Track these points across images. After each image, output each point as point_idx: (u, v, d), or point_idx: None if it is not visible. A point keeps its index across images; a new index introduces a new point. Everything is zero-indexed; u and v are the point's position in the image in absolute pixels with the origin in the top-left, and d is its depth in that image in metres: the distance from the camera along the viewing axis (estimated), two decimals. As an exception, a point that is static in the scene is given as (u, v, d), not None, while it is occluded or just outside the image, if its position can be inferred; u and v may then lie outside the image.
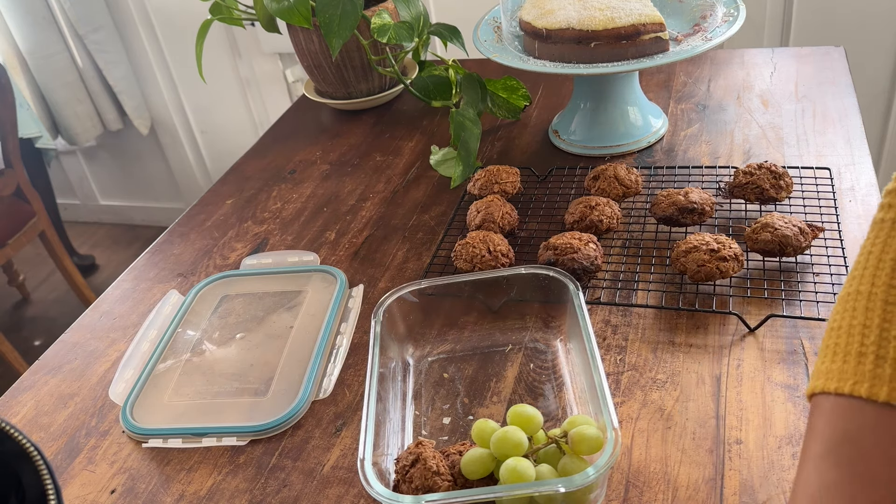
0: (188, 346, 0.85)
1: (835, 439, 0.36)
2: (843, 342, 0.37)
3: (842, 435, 0.35)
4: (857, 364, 0.36)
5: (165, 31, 2.38)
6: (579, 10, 0.99)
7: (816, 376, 0.38)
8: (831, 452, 0.36)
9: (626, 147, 1.07)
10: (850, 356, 0.36)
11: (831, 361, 0.37)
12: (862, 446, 0.34)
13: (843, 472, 0.35)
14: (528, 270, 0.77)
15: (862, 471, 0.34)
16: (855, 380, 0.35)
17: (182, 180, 2.73)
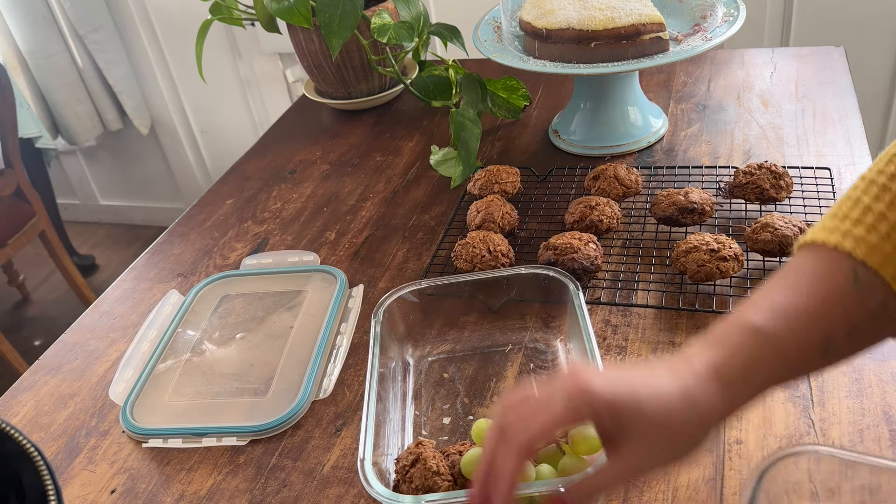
0: (188, 346, 0.85)
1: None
2: (841, 209, 0.47)
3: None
4: (840, 223, 0.46)
5: (165, 31, 2.38)
6: (579, 10, 0.99)
7: (821, 231, 0.47)
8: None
9: (626, 147, 1.07)
10: (838, 218, 0.47)
11: (827, 220, 0.47)
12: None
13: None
14: (528, 270, 0.77)
15: None
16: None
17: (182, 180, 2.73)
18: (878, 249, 0.44)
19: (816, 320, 0.45)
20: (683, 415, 0.45)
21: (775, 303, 0.46)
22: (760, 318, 0.45)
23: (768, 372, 0.45)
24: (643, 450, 0.46)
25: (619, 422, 0.45)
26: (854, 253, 0.45)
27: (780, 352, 0.45)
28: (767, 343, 0.45)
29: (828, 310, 0.45)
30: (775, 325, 0.45)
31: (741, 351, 0.45)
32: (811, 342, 0.45)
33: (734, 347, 0.46)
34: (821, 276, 0.46)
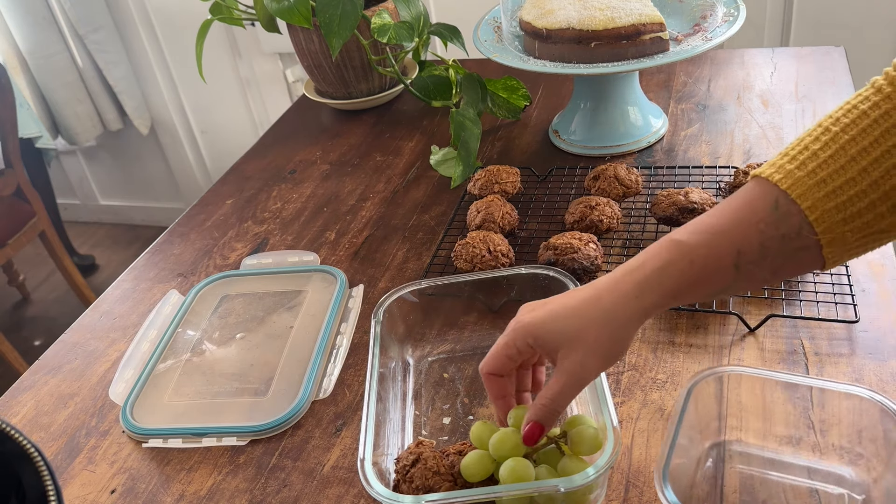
0: (188, 346, 0.85)
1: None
2: (786, 149, 0.53)
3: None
4: (779, 159, 0.52)
5: (165, 31, 2.38)
6: (579, 10, 0.99)
7: (764, 166, 0.53)
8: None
9: (627, 147, 1.07)
10: (779, 156, 0.53)
11: (775, 157, 0.53)
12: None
13: None
14: (528, 270, 0.77)
15: None
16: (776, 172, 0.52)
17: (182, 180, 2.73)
18: (801, 182, 0.51)
19: (730, 235, 0.51)
20: (597, 319, 0.53)
21: (699, 222, 0.53)
22: (680, 233, 0.53)
23: (680, 275, 0.52)
24: (573, 356, 0.54)
25: (544, 341, 0.55)
26: (779, 184, 0.51)
27: (693, 259, 0.52)
28: (681, 251, 0.52)
29: (743, 228, 0.51)
30: (691, 238, 0.52)
31: (656, 258, 0.53)
32: (722, 253, 0.51)
33: (651, 255, 0.53)
34: (746, 201, 0.52)
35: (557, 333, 0.55)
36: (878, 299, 0.76)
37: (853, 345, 0.72)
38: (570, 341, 0.54)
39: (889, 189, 0.50)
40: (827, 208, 0.50)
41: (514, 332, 0.57)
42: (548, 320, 0.55)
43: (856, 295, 0.76)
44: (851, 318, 0.73)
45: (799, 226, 0.51)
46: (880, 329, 0.73)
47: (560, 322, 0.55)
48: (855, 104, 0.52)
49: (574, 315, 0.54)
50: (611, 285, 0.54)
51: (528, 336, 0.56)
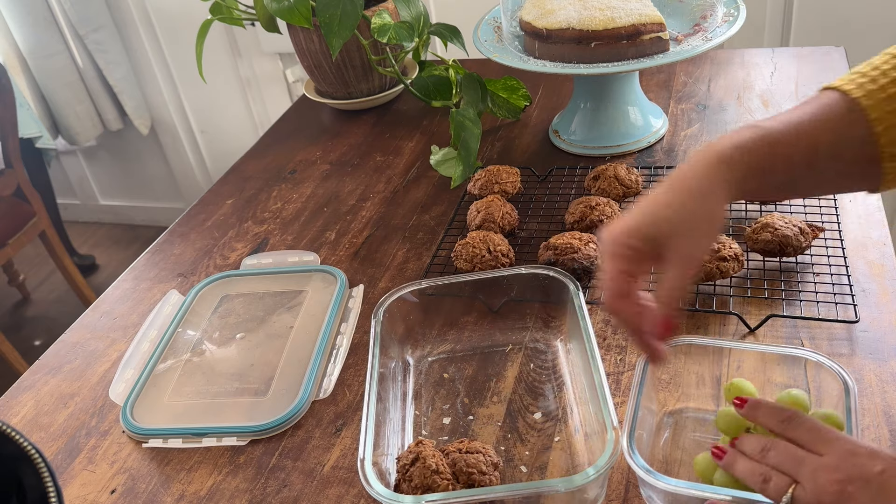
0: (188, 346, 0.85)
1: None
2: (859, 66, 0.57)
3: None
4: (851, 74, 0.57)
5: (165, 31, 2.38)
6: (579, 10, 0.99)
7: (836, 81, 0.57)
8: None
9: (627, 147, 1.07)
10: (851, 72, 0.57)
11: (851, 75, 0.57)
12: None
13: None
14: (528, 270, 0.77)
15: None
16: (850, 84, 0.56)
17: (182, 180, 2.73)
18: (872, 95, 0.55)
19: (810, 131, 0.55)
20: (692, 202, 0.55)
21: (782, 115, 0.57)
22: (767, 122, 0.56)
23: (761, 158, 0.55)
24: (685, 242, 0.55)
25: (653, 235, 0.55)
26: (852, 94, 0.55)
27: (775, 147, 0.55)
28: (763, 135, 0.55)
29: (821, 127, 0.55)
30: (776, 128, 0.55)
31: (738, 136, 0.56)
32: (801, 148, 0.55)
33: (739, 137, 0.56)
34: (824, 105, 0.56)
35: (661, 223, 0.55)
36: (878, 299, 0.76)
37: (853, 345, 0.72)
38: (674, 228, 0.55)
39: None
40: (893, 123, 0.54)
41: (615, 242, 0.56)
42: (648, 215, 0.56)
43: (856, 295, 0.76)
44: (851, 318, 0.73)
45: (866, 133, 0.54)
46: (880, 329, 0.73)
47: (660, 212, 0.55)
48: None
49: (671, 201, 0.55)
50: (698, 162, 0.55)
51: (633, 236, 0.56)
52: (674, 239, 0.55)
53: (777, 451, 0.51)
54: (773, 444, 0.52)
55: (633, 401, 0.61)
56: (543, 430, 0.69)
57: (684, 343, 0.67)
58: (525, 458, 0.66)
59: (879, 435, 0.63)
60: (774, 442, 0.52)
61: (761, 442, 0.53)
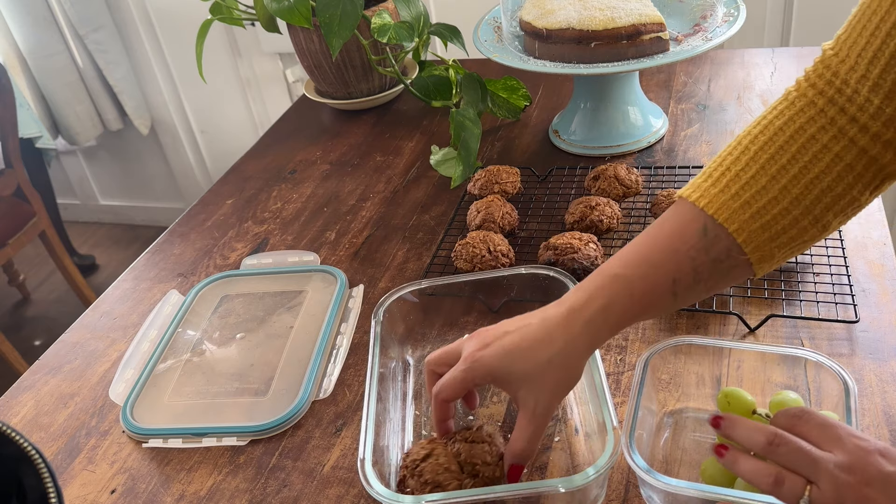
0: (188, 346, 0.85)
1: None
2: (708, 169, 0.56)
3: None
4: (704, 181, 0.56)
5: (165, 31, 2.38)
6: (579, 10, 0.99)
7: (689, 188, 0.56)
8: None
9: (627, 147, 1.07)
10: (703, 177, 0.56)
11: (698, 178, 0.56)
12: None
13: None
14: (528, 270, 0.77)
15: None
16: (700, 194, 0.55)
17: (182, 180, 2.73)
18: (727, 206, 0.53)
19: (665, 265, 0.55)
20: (553, 361, 0.56)
21: (633, 253, 0.56)
22: (619, 267, 0.56)
23: (623, 310, 0.56)
24: (536, 398, 0.56)
25: (504, 381, 0.58)
26: (706, 209, 0.54)
27: (633, 292, 0.55)
28: (622, 286, 0.55)
29: (677, 257, 0.54)
30: (630, 272, 0.55)
31: (600, 294, 0.56)
32: (660, 284, 0.55)
33: (594, 291, 0.56)
34: (676, 228, 0.55)
35: (517, 376, 0.57)
36: (878, 299, 0.76)
37: (853, 345, 0.72)
38: (530, 383, 0.57)
39: (809, 204, 0.52)
40: (753, 229, 0.53)
41: (472, 369, 0.58)
42: (506, 361, 0.57)
43: (856, 295, 0.76)
44: (851, 318, 0.73)
45: (728, 248, 0.54)
46: (880, 329, 0.73)
47: (518, 364, 0.57)
48: (771, 119, 0.54)
49: (530, 358, 0.56)
50: (561, 325, 0.56)
51: (488, 375, 0.58)
52: (527, 394, 0.57)
53: (788, 449, 0.49)
54: (779, 439, 0.50)
55: (633, 401, 0.61)
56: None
57: (684, 343, 0.67)
58: (525, 458, 0.66)
59: (879, 435, 0.63)
60: (781, 436, 0.50)
61: (766, 434, 0.50)
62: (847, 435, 0.49)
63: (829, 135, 0.52)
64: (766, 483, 0.49)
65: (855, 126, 0.52)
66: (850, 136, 0.52)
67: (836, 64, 0.53)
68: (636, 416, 0.60)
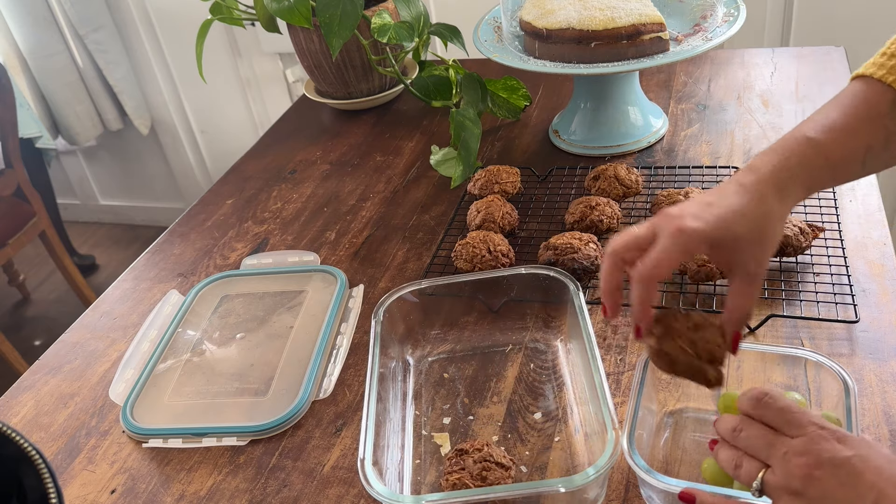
0: (188, 346, 0.85)
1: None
2: (889, 49, 0.58)
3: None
4: (888, 60, 0.57)
5: (165, 31, 2.38)
6: (579, 10, 0.99)
7: (869, 67, 0.58)
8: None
9: (627, 147, 1.07)
10: (886, 56, 0.58)
11: (879, 57, 0.58)
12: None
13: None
14: (528, 270, 0.77)
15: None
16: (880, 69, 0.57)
17: (182, 180, 2.73)
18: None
19: (859, 133, 0.57)
20: (761, 220, 0.55)
21: (828, 119, 0.57)
22: (813, 132, 0.57)
23: (817, 174, 0.57)
24: (754, 258, 0.56)
25: (722, 248, 0.56)
26: (894, 84, 0.56)
27: (828, 158, 0.56)
28: (817, 150, 0.56)
29: (869, 127, 0.57)
30: (825, 137, 0.56)
31: (795, 157, 0.56)
32: (853, 151, 0.57)
33: (790, 153, 0.56)
34: (867, 101, 0.57)
35: (736, 239, 0.55)
36: (878, 299, 0.76)
37: (853, 345, 0.72)
38: (748, 244, 0.55)
39: None
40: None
41: (689, 241, 0.54)
42: (722, 226, 0.55)
43: (856, 295, 0.76)
44: (851, 318, 0.73)
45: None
46: (880, 329, 0.73)
47: (736, 227, 0.55)
48: None
49: (747, 218, 0.55)
50: (768, 182, 0.56)
51: (705, 241, 0.55)
52: (743, 250, 0.56)
53: (747, 433, 0.51)
54: (744, 425, 0.52)
55: (633, 401, 0.61)
56: (543, 430, 0.69)
57: None
58: (525, 458, 0.66)
59: (879, 435, 0.63)
60: (745, 422, 0.52)
61: (733, 422, 0.53)
62: (808, 422, 0.50)
63: None
64: (730, 468, 0.52)
65: None
66: None
67: None
68: (636, 416, 0.60)
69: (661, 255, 0.55)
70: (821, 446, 0.48)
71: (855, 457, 0.46)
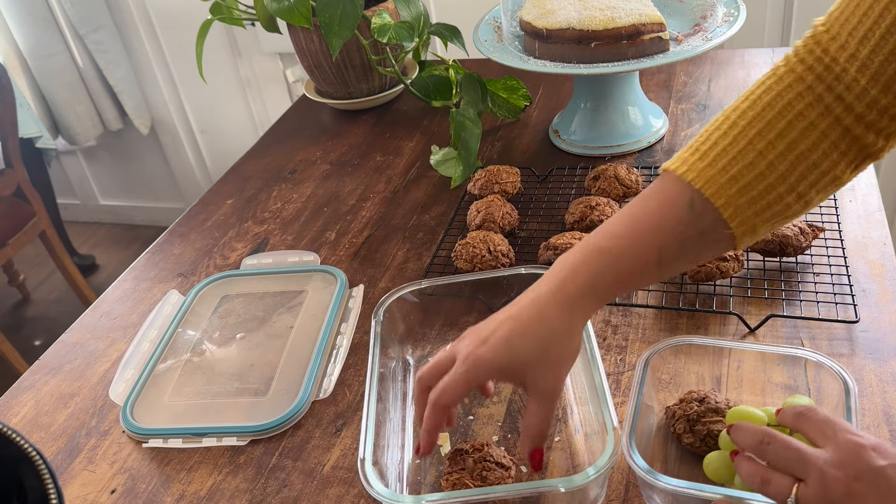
0: (188, 346, 0.85)
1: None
2: (695, 143, 0.56)
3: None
4: (691, 155, 0.55)
5: (165, 31, 2.38)
6: (579, 10, 0.99)
7: (675, 161, 0.56)
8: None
9: (627, 147, 1.07)
10: (690, 151, 0.56)
11: (685, 152, 0.56)
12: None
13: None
14: (529, 270, 0.77)
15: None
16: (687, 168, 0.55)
17: (182, 180, 2.73)
18: (714, 181, 0.53)
19: (652, 238, 0.55)
20: (546, 341, 0.56)
21: (619, 225, 0.56)
22: (603, 239, 0.56)
23: (610, 282, 0.56)
24: (544, 379, 0.56)
25: (510, 371, 0.57)
26: (693, 183, 0.54)
27: (619, 265, 0.55)
28: (609, 259, 0.55)
29: (663, 230, 0.55)
30: (615, 244, 0.55)
31: (585, 269, 0.56)
32: (646, 256, 0.55)
33: (579, 266, 0.56)
34: (661, 202, 0.55)
35: (521, 362, 0.56)
36: (878, 299, 0.76)
37: (853, 345, 0.72)
38: (534, 366, 0.56)
39: (794, 180, 0.53)
40: (739, 204, 0.53)
41: (475, 367, 0.56)
42: (506, 351, 0.56)
43: (856, 295, 0.76)
44: (851, 318, 0.73)
45: (714, 222, 0.54)
46: (880, 329, 0.73)
47: (519, 350, 0.56)
48: (759, 95, 0.54)
49: (530, 340, 0.56)
50: (551, 303, 0.56)
51: (492, 369, 0.57)
52: (535, 377, 0.56)
53: (776, 447, 0.50)
54: (770, 438, 0.50)
55: (633, 401, 0.61)
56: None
57: (684, 343, 0.67)
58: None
59: (879, 435, 0.63)
60: (771, 435, 0.51)
61: (758, 434, 0.51)
62: (842, 431, 0.48)
63: (817, 112, 0.52)
64: (755, 483, 0.50)
65: (841, 105, 0.52)
66: (835, 114, 0.52)
67: (826, 41, 0.53)
68: (636, 416, 0.60)
69: (449, 382, 0.57)
70: (856, 457, 0.46)
71: (889, 466, 0.45)
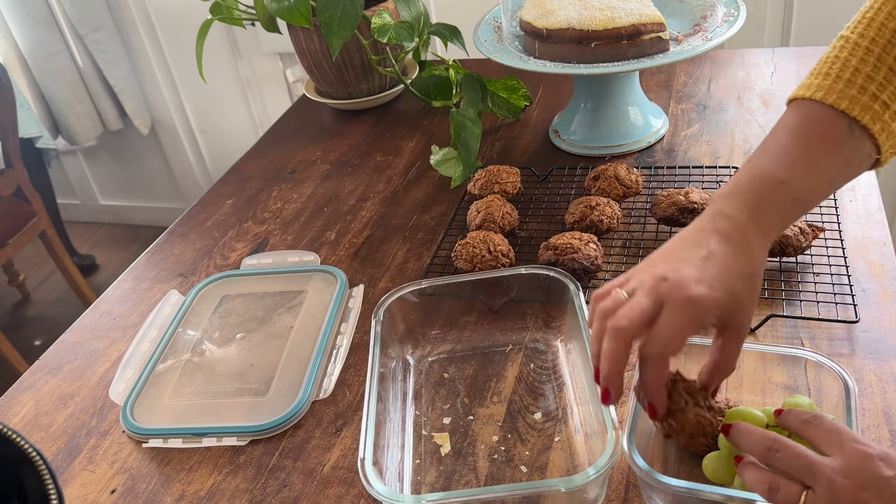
0: (188, 346, 0.85)
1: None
2: (832, 70, 0.58)
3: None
4: (833, 83, 0.57)
5: (165, 31, 2.38)
6: (579, 10, 0.99)
7: (803, 88, 0.58)
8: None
9: (627, 147, 1.07)
10: (831, 78, 0.57)
11: (819, 79, 0.58)
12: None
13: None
14: (529, 270, 0.77)
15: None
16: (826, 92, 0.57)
17: (182, 180, 2.73)
18: (868, 108, 0.56)
19: (824, 169, 0.57)
20: (755, 278, 0.55)
21: (789, 155, 0.57)
22: (779, 170, 0.56)
23: (789, 214, 0.57)
24: (744, 315, 0.55)
25: (728, 311, 0.54)
26: (849, 111, 0.55)
27: (797, 197, 0.57)
28: (787, 191, 0.56)
29: (831, 159, 0.56)
30: (793, 178, 0.56)
31: (767, 200, 0.56)
32: (821, 186, 0.57)
33: (762, 197, 0.56)
34: (824, 131, 0.57)
35: (737, 301, 0.54)
36: (878, 299, 0.76)
37: (853, 345, 0.72)
38: (746, 304, 0.55)
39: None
40: (891, 129, 0.56)
41: (702, 310, 0.52)
42: (726, 290, 0.53)
43: (856, 295, 0.76)
44: (851, 318, 0.73)
45: (870, 147, 0.57)
46: (880, 329, 0.73)
47: (733, 287, 0.54)
48: (882, 21, 0.57)
49: (742, 277, 0.55)
50: (752, 234, 0.55)
51: (716, 309, 0.53)
52: (741, 310, 0.55)
53: (785, 454, 0.50)
54: (780, 445, 0.50)
55: (632, 401, 0.61)
56: (543, 430, 0.69)
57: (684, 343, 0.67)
58: (525, 458, 0.66)
59: (879, 435, 0.63)
60: (780, 442, 0.51)
61: (765, 441, 0.51)
62: (849, 439, 0.49)
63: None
64: (762, 491, 0.50)
65: None
66: None
67: None
68: (636, 416, 0.60)
69: (672, 331, 0.53)
70: (864, 466, 0.47)
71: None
